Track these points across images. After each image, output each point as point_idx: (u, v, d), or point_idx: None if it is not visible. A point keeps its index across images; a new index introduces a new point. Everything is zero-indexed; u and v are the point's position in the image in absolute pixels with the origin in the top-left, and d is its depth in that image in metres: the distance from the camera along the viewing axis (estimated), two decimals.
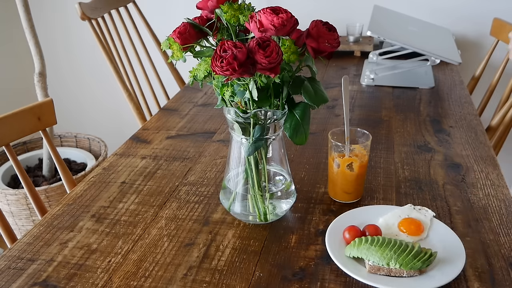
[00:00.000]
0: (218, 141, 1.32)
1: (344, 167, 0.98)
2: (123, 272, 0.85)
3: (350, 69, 1.87)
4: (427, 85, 1.67)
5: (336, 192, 1.02)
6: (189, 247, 0.90)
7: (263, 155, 0.92)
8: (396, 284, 0.78)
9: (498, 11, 2.01)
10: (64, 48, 2.54)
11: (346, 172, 0.99)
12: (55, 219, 1.00)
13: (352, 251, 0.83)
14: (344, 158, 0.98)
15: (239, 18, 0.82)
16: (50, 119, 1.24)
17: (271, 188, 0.96)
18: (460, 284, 0.80)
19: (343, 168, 0.98)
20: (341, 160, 0.98)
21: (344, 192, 1.01)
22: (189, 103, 1.59)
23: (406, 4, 2.10)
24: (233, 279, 0.82)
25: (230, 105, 0.87)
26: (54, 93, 2.40)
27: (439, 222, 0.93)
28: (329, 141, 1.00)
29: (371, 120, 1.42)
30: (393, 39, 1.55)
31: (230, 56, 0.73)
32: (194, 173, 1.16)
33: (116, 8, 1.91)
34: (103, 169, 1.19)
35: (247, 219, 0.96)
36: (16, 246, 0.92)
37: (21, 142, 2.29)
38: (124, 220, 0.99)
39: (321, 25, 0.82)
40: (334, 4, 2.19)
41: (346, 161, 0.98)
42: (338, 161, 0.98)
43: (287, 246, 0.90)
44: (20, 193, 1.91)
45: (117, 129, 2.62)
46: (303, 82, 0.86)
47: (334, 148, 0.99)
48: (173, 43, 0.82)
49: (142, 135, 1.37)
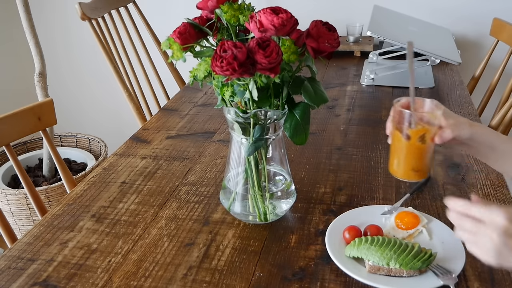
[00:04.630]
0: (218, 141, 1.32)
1: (415, 139, 0.83)
2: (123, 272, 0.85)
3: (350, 69, 1.87)
4: (427, 85, 1.67)
5: (403, 170, 0.86)
6: (189, 247, 0.90)
7: (263, 155, 0.92)
8: (396, 284, 0.78)
9: (498, 11, 2.01)
10: (64, 48, 2.54)
11: (417, 145, 0.83)
12: (55, 219, 1.00)
13: (352, 251, 0.83)
14: (417, 128, 0.82)
15: (239, 18, 0.82)
16: (50, 119, 1.23)
17: (271, 188, 0.96)
18: (460, 284, 0.80)
19: (414, 141, 0.83)
20: (413, 132, 0.82)
21: (412, 170, 0.85)
22: (189, 103, 1.59)
23: (406, 4, 2.10)
24: (233, 279, 0.82)
25: (230, 105, 0.87)
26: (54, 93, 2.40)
27: (439, 222, 0.93)
28: (394, 110, 0.84)
29: (371, 120, 1.42)
30: (393, 39, 1.55)
31: (230, 56, 0.73)
32: (194, 173, 1.16)
33: (116, 8, 1.90)
34: (103, 169, 1.19)
35: (247, 219, 0.96)
36: (16, 246, 0.93)
37: (21, 142, 2.30)
38: (124, 220, 0.99)
39: (321, 25, 0.82)
40: (334, 4, 2.18)
41: (418, 132, 0.82)
42: (409, 132, 0.82)
43: (287, 246, 0.90)
44: (20, 193, 1.91)
45: (117, 129, 2.62)
46: (303, 82, 0.86)
47: (405, 118, 0.82)
48: (173, 43, 0.82)
49: (142, 135, 1.37)
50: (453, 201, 0.72)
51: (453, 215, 0.71)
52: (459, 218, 0.70)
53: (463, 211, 0.70)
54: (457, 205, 0.71)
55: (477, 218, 0.68)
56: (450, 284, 0.78)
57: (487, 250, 0.67)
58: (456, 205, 0.71)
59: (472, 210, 0.69)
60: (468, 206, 0.69)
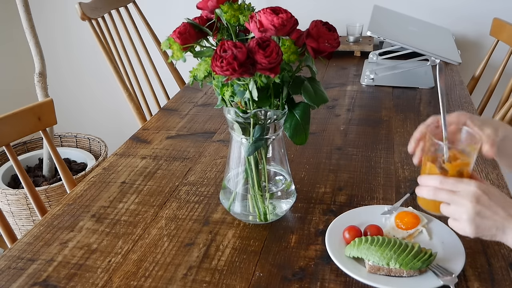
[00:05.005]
0: (218, 141, 1.32)
1: (453, 173, 0.76)
2: (123, 272, 0.85)
3: (350, 69, 1.87)
4: (427, 85, 1.67)
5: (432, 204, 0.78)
6: (189, 247, 0.90)
7: (263, 155, 0.92)
8: (396, 284, 0.78)
9: (498, 11, 2.01)
10: (64, 48, 2.54)
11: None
12: (55, 219, 1.00)
13: (352, 251, 0.83)
14: (457, 161, 0.76)
15: (239, 18, 0.82)
16: (50, 119, 1.24)
17: (271, 188, 0.96)
18: (460, 284, 0.80)
19: (452, 174, 0.76)
20: (450, 166, 0.76)
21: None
22: (189, 103, 1.59)
23: (406, 4, 2.10)
24: (233, 279, 0.82)
25: (230, 105, 0.87)
26: (54, 93, 2.40)
27: (439, 222, 0.93)
28: (428, 140, 0.79)
29: (371, 120, 1.42)
30: (393, 39, 1.55)
31: (230, 56, 0.73)
32: (194, 173, 1.16)
33: (116, 8, 1.90)
34: (103, 169, 1.19)
35: (247, 219, 0.96)
36: (16, 246, 0.92)
37: (21, 142, 2.30)
38: (124, 220, 0.99)
39: (321, 25, 0.82)
40: (334, 4, 2.18)
41: (457, 166, 0.76)
42: (446, 166, 0.76)
43: (287, 246, 0.90)
44: (20, 193, 1.91)
45: (117, 129, 2.62)
46: (303, 82, 0.85)
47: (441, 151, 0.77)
48: (173, 43, 0.82)
49: (142, 135, 1.37)
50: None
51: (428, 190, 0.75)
52: (434, 191, 0.74)
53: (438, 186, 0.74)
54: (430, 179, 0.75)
55: (451, 190, 0.73)
56: (450, 284, 0.78)
57: (464, 220, 0.71)
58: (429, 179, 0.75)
59: (446, 183, 0.73)
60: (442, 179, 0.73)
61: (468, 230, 0.71)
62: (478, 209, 0.70)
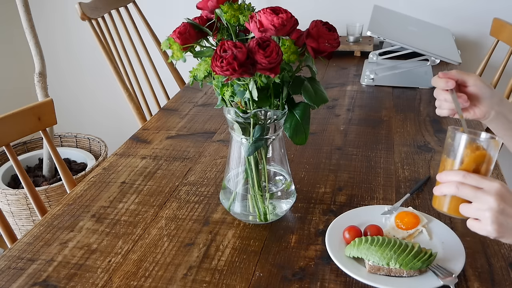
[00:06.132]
0: (218, 141, 1.32)
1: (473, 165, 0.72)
2: (123, 272, 0.85)
3: (350, 69, 1.87)
4: (427, 85, 1.67)
5: (452, 205, 0.74)
6: (189, 247, 0.90)
7: (263, 155, 0.92)
8: (396, 284, 0.78)
9: (498, 11, 2.01)
10: (64, 48, 2.54)
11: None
12: (55, 219, 1.00)
13: (352, 251, 0.83)
14: (477, 152, 0.72)
15: (239, 18, 0.82)
16: (50, 119, 1.24)
17: (271, 188, 0.96)
18: (460, 284, 0.80)
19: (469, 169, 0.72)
20: (470, 157, 0.72)
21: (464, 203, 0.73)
22: (189, 103, 1.59)
23: (406, 4, 2.10)
24: (233, 279, 0.82)
25: (230, 105, 0.87)
26: (54, 93, 2.40)
27: (439, 222, 0.93)
28: (450, 136, 0.74)
29: (371, 120, 1.42)
30: (393, 39, 1.55)
31: (230, 56, 0.73)
32: (194, 173, 1.16)
33: (116, 8, 1.90)
34: (103, 169, 1.19)
35: (247, 219, 0.96)
36: (16, 246, 0.92)
37: (21, 142, 2.29)
38: (124, 220, 0.99)
39: (321, 25, 0.82)
40: (334, 4, 2.18)
41: (477, 158, 0.72)
42: (467, 159, 0.72)
43: (287, 246, 0.90)
44: (20, 193, 1.91)
45: (117, 129, 2.62)
46: (303, 82, 0.86)
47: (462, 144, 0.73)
48: (173, 43, 0.82)
49: (142, 135, 1.37)
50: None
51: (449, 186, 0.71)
52: (457, 186, 0.70)
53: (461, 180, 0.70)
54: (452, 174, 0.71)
55: (474, 186, 0.69)
56: (450, 284, 0.78)
57: (486, 218, 0.68)
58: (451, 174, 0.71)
59: (470, 177, 0.70)
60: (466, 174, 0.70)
61: (490, 228, 0.67)
62: (503, 206, 0.66)
